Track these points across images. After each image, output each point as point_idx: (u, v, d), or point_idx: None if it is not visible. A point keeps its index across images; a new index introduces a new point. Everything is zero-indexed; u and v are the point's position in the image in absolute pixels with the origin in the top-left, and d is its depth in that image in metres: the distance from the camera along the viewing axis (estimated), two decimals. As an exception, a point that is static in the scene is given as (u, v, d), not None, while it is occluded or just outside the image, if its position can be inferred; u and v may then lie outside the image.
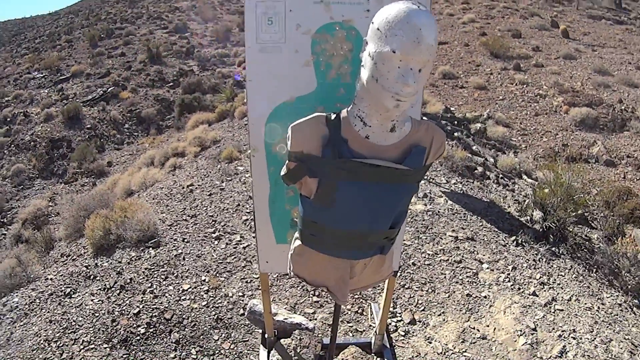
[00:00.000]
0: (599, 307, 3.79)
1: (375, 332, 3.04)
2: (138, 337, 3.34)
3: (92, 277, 4.19)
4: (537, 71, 14.10)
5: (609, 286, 4.25)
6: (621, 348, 3.32)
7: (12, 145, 13.04)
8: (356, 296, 3.72)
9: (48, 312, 3.77)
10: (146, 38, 22.88)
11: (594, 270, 4.47)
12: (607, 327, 3.55)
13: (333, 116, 1.49)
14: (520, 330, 3.41)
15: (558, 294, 3.88)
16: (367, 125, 1.44)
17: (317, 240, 1.70)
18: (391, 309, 3.55)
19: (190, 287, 3.84)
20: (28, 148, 12.69)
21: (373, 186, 1.50)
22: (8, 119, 14.73)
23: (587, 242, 5.03)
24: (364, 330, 3.40)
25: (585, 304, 3.79)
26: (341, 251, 1.70)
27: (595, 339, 3.38)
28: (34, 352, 3.31)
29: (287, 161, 1.57)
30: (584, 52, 15.98)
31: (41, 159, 12.11)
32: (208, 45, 22.57)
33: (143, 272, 4.06)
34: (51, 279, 4.35)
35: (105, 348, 3.27)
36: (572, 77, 13.53)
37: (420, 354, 3.20)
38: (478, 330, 3.42)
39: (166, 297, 3.73)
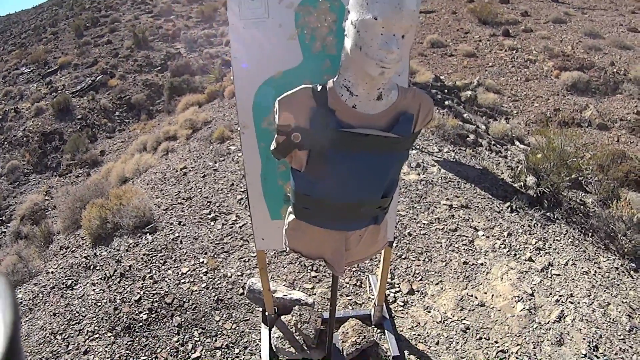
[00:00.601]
0: (595, 271, 3.82)
1: (374, 303, 3.08)
2: (141, 324, 3.36)
3: (92, 267, 4.20)
4: (527, 36, 14.02)
5: (605, 250, 4.27)
6: (619, 311, 3.35)
7: (5, 143, 12.97)
8: (354, 269, 3.74)
9: (51, 305, 3.79)
10: (132, 24, 22.62)
11: (590, 234, 4.49)
12: (605, 290, 3.58)
13: (319, 87, 1.48)
14: (518, 296, 3.44)
15: (554, 259, 3.90)
16: (354, 94, 1.44)
17: (311, 214, 1.71)
18: (389, 280, 3.58)
19: (189, 270, 3.85)
20: (21, 144, 12.63)
21: (363, 156, 1.50)
22: None
23: (582, 207, 5.05)
24: (363, 303, 3.42)
25: (582, 268, 3.82)
26: (335, 223, 1.70)
27: (593, 303, 3.41)
28: (41, 345, 3.34)
29: (276, 135, 1.57)
30: (573, 15, 15.87)
31: (34, 153, 12.06)
32: (194, 27, 22.30)
33: (142, 258, 4.07)
34: (52, 272, 4.36)
35: (109, 336, 3.29)
36: (562, 41, 13.46)
37: (419, 323, 3.23)
38: (476, 298, 3.45)
39: (166, 281, 3.75)
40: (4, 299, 0.44)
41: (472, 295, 3.47)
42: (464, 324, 3.22)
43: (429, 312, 3.33)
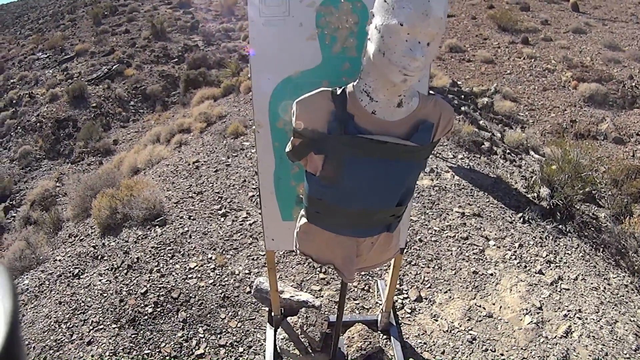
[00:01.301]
0: (605, 288, 3.77)
1: (382, 309, 3.05)
2: (146, 317, 3.35)
3: (99, 257, 4.21)
4: (546, 45, 13.90)
5: (615, 266, 4.22)
6: (626, 330, 3.31)
7: (19, 127, 13.01)
8: (362, 273, 3.71)
9: (57, 293, 3.80)
10: (150, 14, 22.67)
11: (601, 249, 4.44)
12: (613, 308, 3.54)
13: (339, 91, 1.45)
14: (526, 309, 3.41)
15: (564, 272, 3.86)
16: (374, 100, 1.41)
17: (323, 218, 1.68)
18: (398, 286, 3.55)
19: (196, 266, 3.84)
20: (34, 129, 12.67)
21: (380, 163, 1.47)
22: (14, 101, 14.70)
23: (594, 221, 4.99)
24: (370, 308, 3.39)
25: (592, 283, 3.77)
26: (348, 229, 1.68)
27: (600, 319, 3.37)
28: (45, 333, 3.34)
29: (292, 137, 1.54)
30: (594, 26, 15.71)
31: (47, 139, 12.09)
32: (212, 20, 22.31)
33: (150, 251, 4.06)
34: (60, 260, 4.37)
35: (114, 328, 3.29)
36: (581, 51, 13.33)
37: (426, 331, 3.20)
38: (484, 308, 3.41)
39: (173, 275, 3.74)
40: (3, 287, 0.43)
41: (480, 306, 3.43)
42: (470, 334, 3.19)
43: (436, 320, 3.30)
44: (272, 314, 3.01)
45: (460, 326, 3.25)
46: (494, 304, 3.46)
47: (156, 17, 21.25)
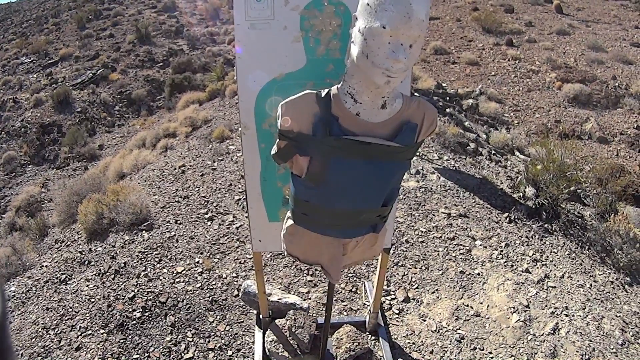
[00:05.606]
0: (591, 285, 3.81)
1: (370, 310, 3.06)
2: (134, 322, 3.33)
3: (86, 262, 4.18)
4: (530, 47, 14.02)
5: (601, 263, 4.26)
6: (613, 325, 3.35)
7: (3, 133, 12.90)
8: (350, 275, 3.72)
9: (45, 299, 3.76)
10: (135, 18, 22.55)
11: (586, 247, 4.48)
12: (599, 304, 3.57)
13: (323, 93, 1.47)
14: (514, 308, 3.43)
15: (551, 271, 3.90)
16: (358, 102, 1.43)
17: (310, 220, 1.69)
18: (385, 287, 3.56)
19: (184, 270, 3.83)
20: (19, 134, 12.56)
21: (364, 164, 1.49)
22: (-2, 106, 14.59)
23: (579, 219, 5.04)
24: (358, 309, 3.40)
25: (578, 281, 3.81)
26: (334, 230, 1.69)
27: (587, 316, 3.41)
28: (33, 340, 3.31)
29: (277, 140, 1.55)
30: (577, 27, 15.88)
31: (32, 145, 11.99)
32: (197, 24, 22.26)
33: (137, 255, 4.04)
34: (46, 266, 4.33)
35: (102, 333, 3.27)
36: (565, 53, 13.47)
37: (414, 331, 3.22)
38: (472, 308, 3.44)
39: (160, 280, 3.72)
40: None
41: (467, 305, 3.46)
42: (458, 333, 3.21)
43: (424, 320, 3.31)
44: (261, 316, 3.01)
45: (449, 326, 3.27)
46: (481, 303, 3.48)
47: (141, 21, 21.16)
